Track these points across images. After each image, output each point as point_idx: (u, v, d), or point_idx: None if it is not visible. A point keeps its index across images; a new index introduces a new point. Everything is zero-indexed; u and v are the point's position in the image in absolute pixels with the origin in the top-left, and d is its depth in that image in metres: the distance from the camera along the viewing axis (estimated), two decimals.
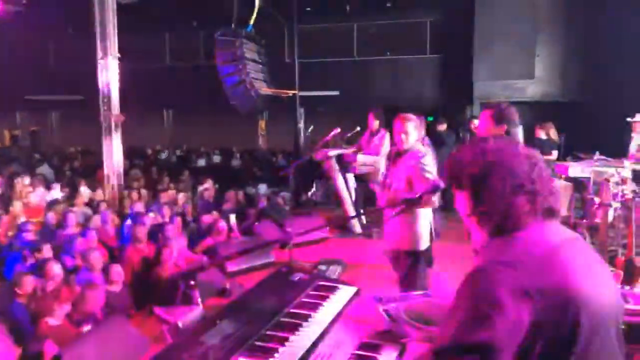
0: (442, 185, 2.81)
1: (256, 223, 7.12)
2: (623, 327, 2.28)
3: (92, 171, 11.02)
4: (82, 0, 8.30)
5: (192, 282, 1.74)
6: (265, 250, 5.70)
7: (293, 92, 10.75)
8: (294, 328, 1.70)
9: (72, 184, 9.85)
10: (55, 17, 11.96)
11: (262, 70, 9.82)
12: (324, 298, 1.94)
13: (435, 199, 3.89)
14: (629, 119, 6.98)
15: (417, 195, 2.67)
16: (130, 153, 14.93)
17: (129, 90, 11.00)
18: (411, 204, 3.03)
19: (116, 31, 8.06)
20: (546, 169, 1.29)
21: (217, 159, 14.43)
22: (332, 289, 2.04)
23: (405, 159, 3.85)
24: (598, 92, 9.27)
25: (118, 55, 8.08)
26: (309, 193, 6.79)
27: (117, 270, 4.98)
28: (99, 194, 8.62)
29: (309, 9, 12.43)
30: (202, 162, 13.65)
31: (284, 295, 1.90)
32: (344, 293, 2.03)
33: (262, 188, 10.23)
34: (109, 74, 7.95)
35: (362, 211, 7.21)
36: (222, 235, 6.50)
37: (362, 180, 6.99)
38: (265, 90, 9.40)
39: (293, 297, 1.88)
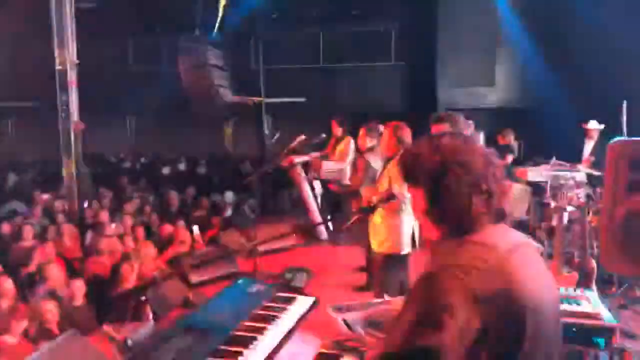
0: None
1: (221, 232, 7.01)
2: (574, 329, 2.35)
3: (52, 181, 10.64)
4: (40, 6, 8.03)
5: (143, 298, 1.68)
6: (230, 260, 5.62)
7: (259, 99, 10.69)
8: (248, 342, 1.67)
9: (29, 195, 9.48)
10: (15, 22, 11.55)
11: (227, 77, 9.72)
12: (281, 310, 1.91)
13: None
14: (583, 126, 7.24)
15: (371, 205, 2.68)
16: (92, 161, 14.52)
17: (91, 97, 10.71)
18: (367, 213, 3.05)
19: (75, 37, 7.82)
20: (500, 169, 1.28)
21: (182, 166, 14.17)
22: (290, 300, 2.01)
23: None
24: (554, 99, 9.58)
25: (77, 61, 7.84)
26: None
27: (77, 284, 4.81)
28: (58, 205, 8.33)
29: (275, 15, 12.41)
30: (166, 170, 13.37)
31: (239, 308, 1.86)
32: (302, 304, 2.01)
33: (229, 196, 10.10)
34: (67, 80, 7.71)
35: (329, 218, 7.21)
36: (186, 245, 6.38)
37: (329, 187, 6.99)
38: (230, 97, 9.31)
39: (249, 310, 1.85)
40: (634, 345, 3.30)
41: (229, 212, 8.35)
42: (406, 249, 4.02)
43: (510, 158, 8.27)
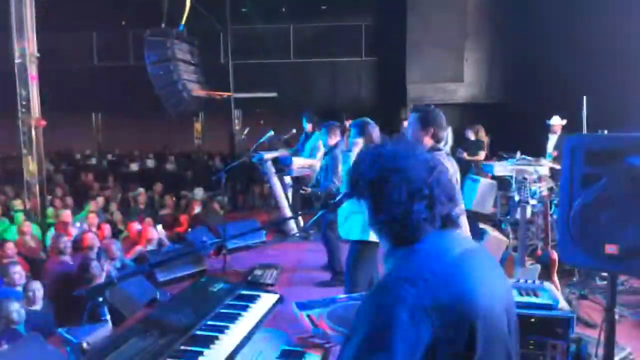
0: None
1: (189, 229, 6.92)
2: (532, 320, 2.41)
3: (14, 179, 10.28)
4: None
5: (100, 299, 1.62)
6: (198, 258, 5.55)
7: (227, 94, 10.56)
8: (209, 341, 1.64)
9: None
10: None
11: (195, 72, 9.56)
12: (244, 307, 1.89)
13: None
14: (547, 121, 7.42)
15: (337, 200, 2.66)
16: (56, 158, 14.10)
17: (54, 92, 10.36)
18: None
19: (34, 29, 7.53)
20: (445, 174, 1.25)
21: (150, 163, 13.91)
22: (253, 298, 1.99)
23: None
24: (521, 95, 9.81)
25: (37, 55, 7.55)
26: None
27: (36, 287, 4.64)
28: (18, 203, 8.05)
29: (244, 10, 12.27)
30: (134, 167, 13.09)
31: (201, 307, 1.83)
32: (265, 301, 1.99)
33: (198, 192, 9.96)
34: (28, 75, 7.43)
35: (299, 213, 7.20)
36: (153, 243, 6.26)
37: (299, 182, 6.98)
38: (197, 92, 9.16)
39: (211, 309, 1.82)
40: (594, 334, 3.41)
41: (198, 209, 8.23)
42: (373, 236, 4.05)
43: (482, 154, 8.43)
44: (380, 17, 12.99)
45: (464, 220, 2.85)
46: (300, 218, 7.17)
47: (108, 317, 1.67)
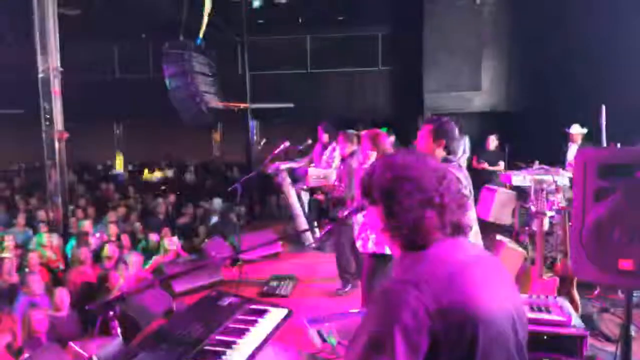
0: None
1: (206, 240, 6.98)
2: (545, 337, 2.36)
3: (37, 189, 10.53)
4: (23, 12, 7.95)
5: (111, 313, 1.66)
6: (214, 268, 5.59)
7: (244, 105, 10.67)
8: (218, 356, 1.65)
9: (12, 204, 9.38)
10: None
11: (213, 83, 9.69)
12: (252, 322, 1.90)
13: None
14: (566, 130, 7.30)
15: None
16: (79, 169, 14.41)
17: (77, 104, 10.60)
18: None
19: (58, 43, 7.74)
20: (455, 183, 1.31)
21: (170, 173, 14.11)
22: (262, 313, 2.00)
23: None
24: (539, 103, 9.68)
25: (60, 68, 7.75)
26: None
27: (62, 293, 4.74)
28: (42, 214, 8.23)
29: (261, 21, 12.42)
30: (154, 177, 13.30)
31: (210, 321, 1.85)
32: (274, 316, 1.99)
33: (217, 202, 10.05)
34: (50, 88, 7.63)
35: (315, 224, 7.20)
36: (171, 253, 6.34)
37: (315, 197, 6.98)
38: (215, 103, 9.28)
39: (220, 323, 1.83)
40: (614, 349, 3.32)
41: (215, 220, 8.30)
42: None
43: (502, 164, 8.34)
44: (396, 27, 13.00)
45: (475, 229, 2.82)
46: (316, 229, 7.17)
47: (119, 330, 1.70)
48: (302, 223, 6.97)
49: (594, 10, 8.33)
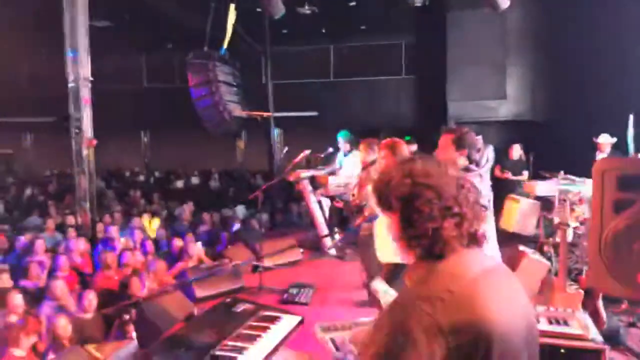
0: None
1: (228, 246, 7.05)
2: (562, 350, 2.31)
3: (68, 195, 10.85)
4: (56, 23, 8.26)
5: (127, 317, 1.70)
6: (235, 275, 5.64)
7: (267, 114, 10.79)
8: None
9: (45, 209, 9.68)
10: (31, 39, 11.93)
11: (237, 93, 9.84)
12: (265, 329, 1.92)
13: None
14: (594, 139, 7.13)
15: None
16: (107, 176, 14.80)
17: (106, 112, 10.89)
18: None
19: (88, 54, 8.01)
20: (474, 193, 1.28)
21: (195, 180, 14.34)
22: (274, 319, 2.02)
23: None
24: (566, 112, 9.48)
25: (90, 78, 8.01)
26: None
27: (89, 296, 4.87)
28: (71, 219, 8.47)
29: (285, 31, 12.56)
30: (179, 184, 13.53)
31: (224, 327, 1.88)
32: (286, 323, 2.01)
33: (240, 210, 10.16)
34: (80, 97, 7.89)
35: (336, 232, 7.19)
36: (194, 259, 6.43)
37: (334, 204, 6.99)
38: (238, 112, 9.42)
39: (232, 329, 1.86)
40: None
41: (237, 226, 8.39)
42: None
43: (526, 174, 8.20)
44: (420, 35, 12.96)
45: (493, 243, 2.79)
46: (337, 236, 7.17)
47: (134, 334, 1.75)
48: (323, 230, 6.98)
49: (621, 18, 8.16)
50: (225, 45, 8.47)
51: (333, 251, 7.19)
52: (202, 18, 9.42)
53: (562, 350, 2.18)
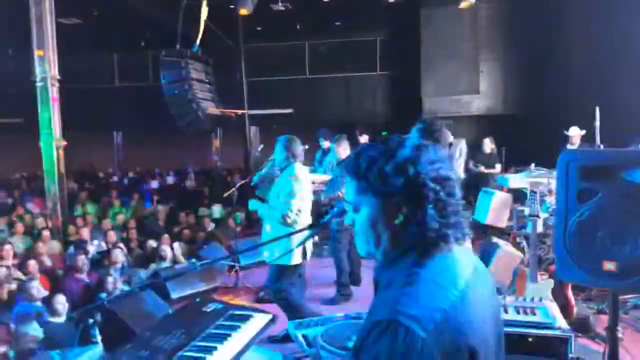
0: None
1: (204, 246, 6.98)
2: (530, 339, 2.35)
3: (38, 197, 10.57)
4: (21, 21, 8.02)
5: (91, 320, 1.66)
6: (211, 275, 5.59)
7: (242, 111, 10.70)
8: None
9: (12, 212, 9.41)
10: None
11: (210, 90, 9.72)
12: (234, 328, 1.90)
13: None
14: (565, 132, 7.28)
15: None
16: (79, 177, 14.46)
17: (77, 112, 10.65)
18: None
19: (55, 52, 7.80)
20: (455, 187, 1.18)
21: (171, 180, 14.14)
22: (244, 318, 2.00)
23: None
24: (537, 106, 9.67)
25: (58, 77, 7.80)
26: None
27: (61, 300, 4.74)
28: (41, 221, 8.25)
29: (259, 28, 12.48)
30: (155, 184, 13.32)
31: (193, 328, 1.85)
32: (257, 321, 1.99)
33: (217, 209, 10.06)
34: (48, 96, 7.68)
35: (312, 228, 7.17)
36: (168, 260, 6.34)
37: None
38: (212, 110, 9.31)
39: (202, 329, 1.83)
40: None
41: (213, 226, 8.30)
42: (295, 260, 4.04)
43: (498, 167, 8.33)
44: (394, 32, 13.04)
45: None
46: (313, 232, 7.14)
47: (99, 338, 1.70)
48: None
49: (590, 13, 8.34)
50: (197, 43, 8.34)
51: (311, 248, 7.17)
52: (175, 15, 9.26)
53: (530, 339, 2.23)
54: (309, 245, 4.12)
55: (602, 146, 4.41)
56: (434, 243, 1.12)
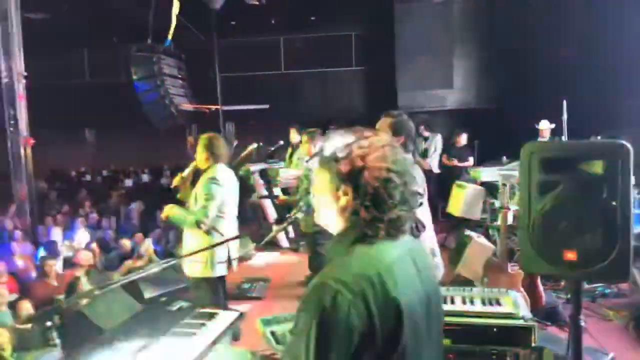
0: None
1: (178, 244, 6.88)
2: (495, 329, 2.39)
3: (5, 198, 10.28)
4: None
5: (48, 323, 1.61)
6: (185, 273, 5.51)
7: (215, 106, 10.59)
8: None
9: None
10: None
11: (183, 86, 9.60)
12: (199, 326, 1.87)
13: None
14: (535, 125, 7.41)
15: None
16: (50, 176, 14.11)
17: (46, 110, 10.35)
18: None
19: (21, 48, 7.58)
20: (412, 180, 1.28)
21: (146, 178, 13.92)
22: (211, 316, 1.97)
23: None
24: (509, 100, 9.81)
25: (25, 74, 7.60)
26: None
27: (25, 306, 4.62)
28: (10, 223, 8.03)
29: (233, 23, 12.34)
30: (129, 183, 13.10)
31: (156, 327, 1.81)
32: (224, 319, 1.97)
33: None
34: (15, 94, 7.47)
35: (284, 224, 7.16)
36: (144, 259, 6.24)
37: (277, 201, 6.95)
38: (185, 106, 9.19)
39: (166, 328, 1.80)
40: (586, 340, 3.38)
41: None
42: (219, 271, 3.73)
43: (471, 160, 8.43)
44: (369, 27, 13.05)
45: (429, 229, 2.81)
46: (290, 229, 7.15)
47: (57, 341, 1.66)
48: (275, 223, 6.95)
49: (560, 9, 8.50)
50: (169, 37, 8.20)
51: (287, 243, 7.19)
52: (147, 9, 9.09)
53: (495, 329, 2.27)
54: (234, 254, 3.81)
55: (562, 139, 4.51)
56: (368, 232, 1.22)
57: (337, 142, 1.29)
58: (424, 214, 2.68)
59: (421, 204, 2.87)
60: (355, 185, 1.22)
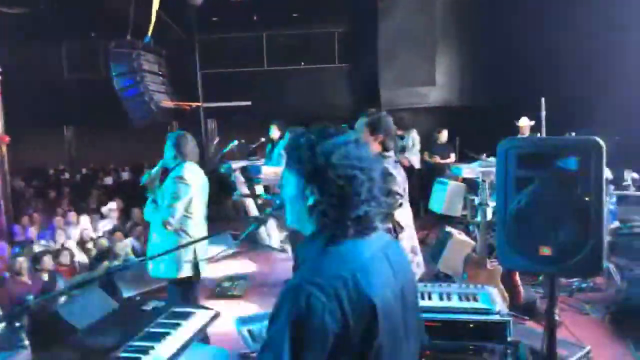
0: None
1: None
2: (471, 325, 2.41)
3: None
4: None
5: (18, 324, 1.57)
6: None
7: (196, 104, 10.47)
8: None
9: None
10: None
11: (164, 83, 9.47)
12: (174, 326, 1.84)
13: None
14: (516, 122, 7.49)
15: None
16: (28, 174, 13.82)
17: (24, 107, 10.14)
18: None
19: None
20: (368, 186, 1.25)
21: (126, 175, 13.73)
22: (186, 315, 1.94)
23: None
24: (491, 97, 9.91)
25: (0, 69, 7.42)
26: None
27: None
28: None
29: (215, 19, 12.22)
30: (109, 180, 12.90)
31: (130, 327, 1.78)
32: (199, 318, 1.94)
33: None
34: None
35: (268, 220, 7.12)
36: (119, 259, 6.15)
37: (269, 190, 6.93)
38: (165, 103, 9.07)
39: (140, 328, 1.77)
40: (561, 334, 3.42)
41: None
42: (185, 272, 3.65)
43: (453, 156, 8.50)
44: (352, 24, 13.04)
45: (409, 228, 2.81)
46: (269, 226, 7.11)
47: (26, 342, 1.61)
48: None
49: (543, 6, 8.60)
50: (149, 33, 8.08)
51: (270, 241, 7.15)
52: (126, 4, 8.93)
53: (471, 325, 2.28)
54: (201, 255, 3.70)
55: (539, 134, 4.56)
56: (338, 232, 1.21)
57: (300, 142, 1.28)
58: (404, 213, 2.69)
59: (401, 204, 2.89)
60: (321, 185, 1.21)
